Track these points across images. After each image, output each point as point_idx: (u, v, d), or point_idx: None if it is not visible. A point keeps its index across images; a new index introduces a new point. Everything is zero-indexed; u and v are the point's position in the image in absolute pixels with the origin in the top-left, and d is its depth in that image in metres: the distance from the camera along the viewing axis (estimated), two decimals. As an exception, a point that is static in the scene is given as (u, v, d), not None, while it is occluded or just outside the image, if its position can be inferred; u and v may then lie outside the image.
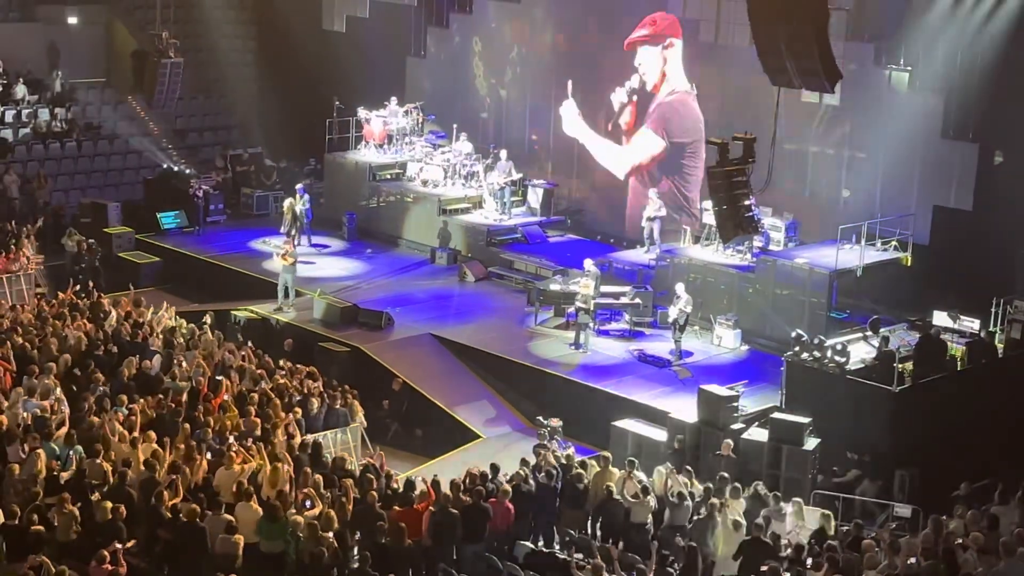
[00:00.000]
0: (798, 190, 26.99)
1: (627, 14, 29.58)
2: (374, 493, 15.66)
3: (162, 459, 15.98)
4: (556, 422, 20.27)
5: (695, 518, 16.50)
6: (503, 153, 30.59)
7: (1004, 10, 23.52)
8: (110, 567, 13.13)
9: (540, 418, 20.66)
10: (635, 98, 29.30)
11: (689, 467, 18.00)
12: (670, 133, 28.85)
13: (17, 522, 14.13)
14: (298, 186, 30.31)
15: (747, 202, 22.60)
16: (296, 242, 29.21)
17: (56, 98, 35.45)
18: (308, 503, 14.97)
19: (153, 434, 16.66)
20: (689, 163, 28.52)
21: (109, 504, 14.26)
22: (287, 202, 29.62)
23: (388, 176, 31.78)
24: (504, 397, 23.37)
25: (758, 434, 19.61)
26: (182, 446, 16.51)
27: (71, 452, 16.07)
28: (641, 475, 17.46)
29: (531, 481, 16.96)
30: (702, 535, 16.05)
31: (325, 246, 30.34)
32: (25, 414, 17.24)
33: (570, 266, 26.94)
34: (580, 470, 17.38)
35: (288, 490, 15.35)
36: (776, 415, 19.84)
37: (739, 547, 15.57)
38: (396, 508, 15.60)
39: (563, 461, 17.84)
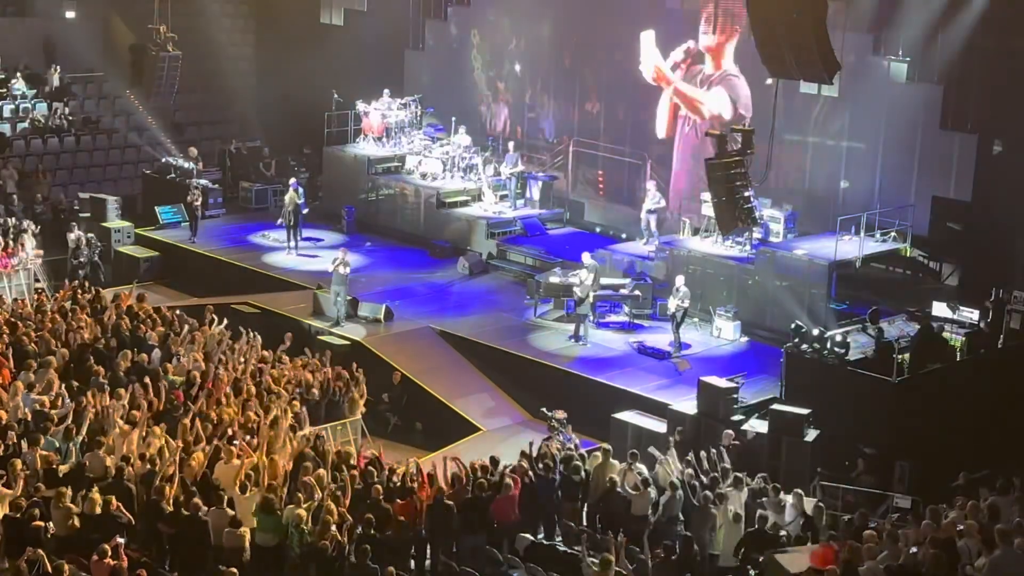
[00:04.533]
0: (797, 181, 26.97)
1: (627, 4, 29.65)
2: (378, 487, 15.67)
3: (162, 453, 15.98)
4: (561, 414, 20.28)
5: (695, 508, 16.47)
6: (511, 145, 30.73)
7: (1002, -1, 23.55)
8: (111, 561, 13.12)
9: (545, 409, 20.66)
10: (689, 60, 28.46)
11: (690, 458, 17.98)
12: (738, 103, 27.92)
13: (17, 516, 14.13)
14: (291, 181, 30.27)
15: (746, 194, 22.64)
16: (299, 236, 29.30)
17: (54, 93, 35.42)
18: (315, 495, 14.96)
19: (156, 428, 16.66)
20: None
21: (99, 497, 14.26)
22: (288, 196, 29.56)
23: (386, 169, 31.82)
24: (504, 390, 23.36)
25: (758, 425, 19.62)
26: (180, 440, 16.51)
27: (71, 445, 16.08)
28: (642, 467, 17.46)
29: (531, 473, 16.96)
30: (701, 527, 16.04)
31: (319, 239, 30.31)
32: (25, 409, 17.25)
33: (569, 258, 26.94)
34: (578, 463, 17.38)
35: (286, 483, 15.33)
36: (776, 406, 19.85)
37: (741, 540, 15.57)
38: (397, 501, 15.61)
39: (563, 453, 17.84)
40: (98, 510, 14.14)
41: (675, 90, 28.81)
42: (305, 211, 29.50)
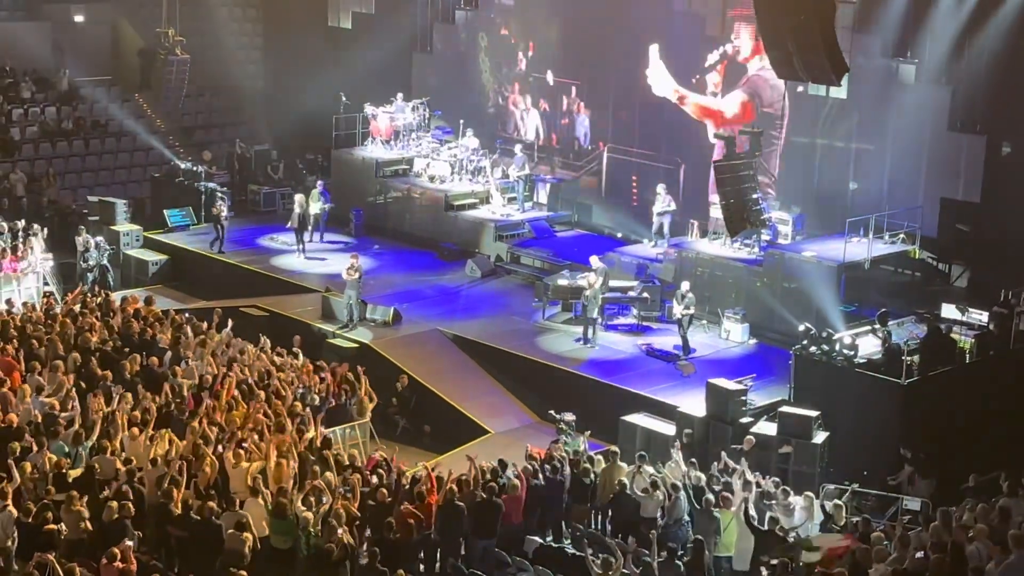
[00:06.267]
0: (806, 183, 26.95)
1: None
2: (384, 490, 15.69)
3: (171, 456, 16.00)
4: (570, 416, 20.29)
5: (698, 510, 16.44)
6: (518, 147, 30.77)
7: (1010, 1, 23.47)
8: (121, 565, 13.13)
9: (553, 412, 20.66)
10: (725, 61, 28.24)
11: (695, 461, 17.98)
12: (761, 102, 27.77)
13: (30, 520, 14.16)
14: (319, 183, 30.30)
15: (754, 196, 22.63)
16: (308, 239, 29.30)
17: (63, 96, 35.54)
18: (324, 498, 14.97)
19: (165, 431, 16.69)
20: (774, 134, 27.29)
21: (116, 503, 14.28)
22: (297, 198, 29.56)
23: (395, 172, 31.86)
24: (512, 392, 23.37)
25: (767, 428, 19.60)
26: (190, 443, 16.53)
27: (80, 449, 16.11)
28: (650, 469, 17.46)
29: (539, 475, 16.97)
30: (704, 529, 16.01)
31: (345, 241, 30.32)
32: (35, 412, 17.28)
33: (577, 260, 26.94)
34: (588, 465, 17.39)
35: (294, 486, 15.34)
36: (784, 409, 19.83)
37: (756, 539, 15.56)
38: (406, 504, 15.61)
39: (571, 456, 17.84)
40: (115, 515, 14.17)
41: (694, 107, 28.69)
42: (315, 212, 29.52)
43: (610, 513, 17.25)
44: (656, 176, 28.78)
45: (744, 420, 19.81)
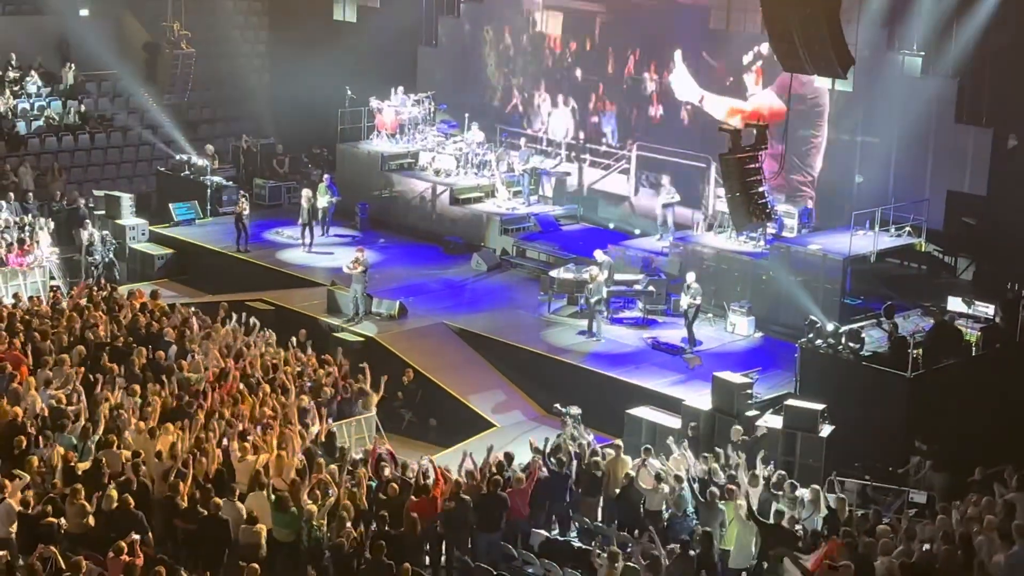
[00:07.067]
0: (811, 176, 26.91)
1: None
2: (395, 484, 15.70)
3: (177, 449, 16.02)
4: (575, 410, 20.27)
5: (702, 503, 16.43)
6: (522, 140, 30.71)
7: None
8: (127, 558, 13.16)
9: (558, 405, 20.64)
10: (760, 63, 28.05)
11: (706, 455, 17.96)
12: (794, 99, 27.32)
13: (32, 513, 14.19)
14: (325, 176, 30.32)
15: (760, 189, 22.61)
16: (319, 233, 29.28)
17: (68, 91, 35.54)
18: (330, 491, 15.00)
19: (170, 425, 16.72)
20: (812, 132, 27.10)
21: (115, 493, 14.31)
22: (304, 193, 29.55)
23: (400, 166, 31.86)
24: (518, 386, 23.37)
25: (772, 421, 19.60)
26: (196, 437, 16.56)
27: (89, 443, 16.14)
28: (656, 462, 17.46)
29: (544, 469, 16.98)
30: (709, 523, 16.00)
31: (356, 235, 30.31)
32: (42, 405, 17.32)
33: (583, 254, 26.92)
34: (598, 458, 17.39)
35: (299, 479, 15.36)
36: (790, 402, 19.82)
37: (762, 534, 15.55)
38: (412, 498, 15.63)
39: (577, 449, 17.84)
40: (115, 507, 14.19)
41: (718, 107, 28.56)
42: (322, 205, 29.53)
43: (619, 506, 17.23)
44: (685, 174, 28.66)
45: (750, 413, 19.79)
